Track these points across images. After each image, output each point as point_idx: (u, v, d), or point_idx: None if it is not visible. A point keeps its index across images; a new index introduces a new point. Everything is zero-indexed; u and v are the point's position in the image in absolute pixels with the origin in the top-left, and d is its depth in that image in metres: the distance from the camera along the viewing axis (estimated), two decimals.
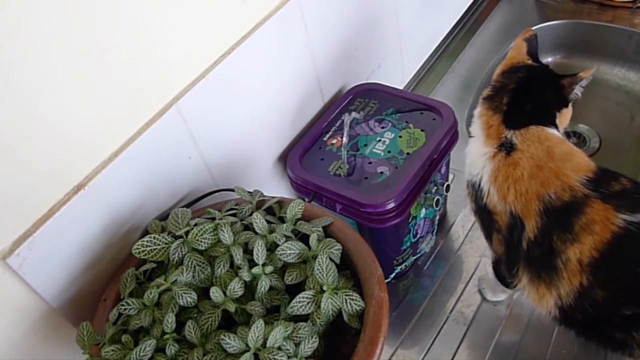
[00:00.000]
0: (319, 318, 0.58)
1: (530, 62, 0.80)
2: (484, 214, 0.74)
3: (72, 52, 0.57)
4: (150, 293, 0.60)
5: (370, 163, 0.86)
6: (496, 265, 0.83)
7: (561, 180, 0.67)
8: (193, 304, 0.59)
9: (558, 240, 0.65)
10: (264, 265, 0.61)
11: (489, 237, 0.77)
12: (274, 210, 0.70)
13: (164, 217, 0.73)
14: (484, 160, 0.73)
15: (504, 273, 0.79)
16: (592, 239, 0.63)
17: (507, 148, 0.71)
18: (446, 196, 0.99)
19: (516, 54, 0.81)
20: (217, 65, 0.74)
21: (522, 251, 0.70)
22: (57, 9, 0.54)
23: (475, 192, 0.74)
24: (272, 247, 0.63)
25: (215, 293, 0.59)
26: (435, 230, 0.97)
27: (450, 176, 1.04)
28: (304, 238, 0.65)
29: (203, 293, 0.61)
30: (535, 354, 0.84)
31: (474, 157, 0.76)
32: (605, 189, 0.65)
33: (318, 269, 0.59)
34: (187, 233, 0.63)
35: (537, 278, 0.69)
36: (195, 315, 0.60)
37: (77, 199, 0.62)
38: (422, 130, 0.90)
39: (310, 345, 0.56)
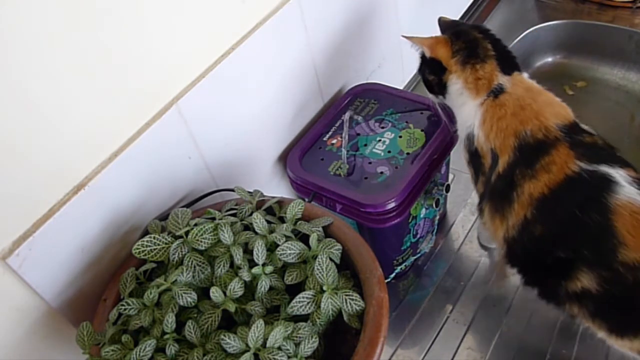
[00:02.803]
0: (319, 318, 0.58)
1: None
2: (475, 160, 0.78)
3: (73, 52, 0.57)
4: (150, 293, 0.60)
5: (370, 163, 0.86)
6: None
7: (539, 121, 0.71)
8: (193, 304, 0.59)
9: (520, 174, 0.70)
10: (264, 265, 0.61)
11: (477, 181, 0.80)
12: (274, 210, 0.70)
13: (164, 217, 0.73)
14: (475, 109, 0.77)
15: None
16: (547, 177, 0.68)
17: (495, 92, 0.75)
18: (446, 196, 0.99)
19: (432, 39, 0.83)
20: (217, 65, 0.74)
21: (490, 185, 0.74)
22: (57, 8, 0.54)
23: (469, 141, 0.78)
24: (272, 247, 0.63)
25: (215, 293, 0.59)
26: (435, 230, 0.97)
27: (450, 176, 1.04)
28: (304, 238, 0.65)
29: (203, 293, 0.61)
30: (535, 354, 0.84)
31: (466, 111, 0.79)
32: (576, 137, 0.70)
33: (318, 269, 0.59)
34: (187, 233, 0.63)
35: (496, 211, 0.74)
36: (195, 315, 0.60)
37: (77, 199, 0.62)
38: (422, 130, 0.90)
39: (310, 345, 0.56)
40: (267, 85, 0.85)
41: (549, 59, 1.41)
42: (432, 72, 0.82)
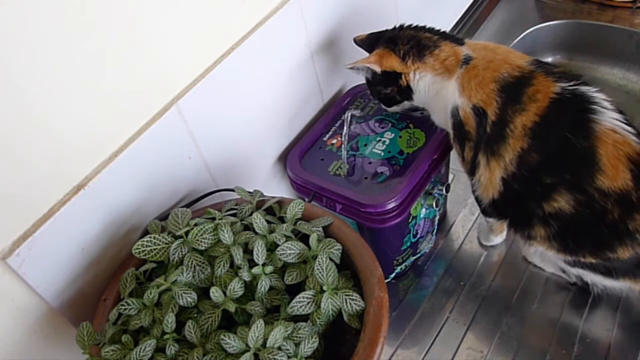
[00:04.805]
0: (319, 318, 0.58)
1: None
2: (460, 130, 0.80)
3: (72, 52, 0.57)
4: (150, 293, 0.60)
5: (370, 163, 0.86)
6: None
7: (510, 64, 0.77)
8: (193, 304, 0.59)
9: (511, 111, 0.74)
10: (264, 265, 0.61)
11: (463, 154, 0.82)
12: (274, 210, 0.70)
13: (164, 217, 0.73)
14: (453, 85, 0.79)
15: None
16: (535, 106, 0.72)
17: (466, 61, 0.79)
18: (446, 196, 0.98)
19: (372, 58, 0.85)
20: (217, 65, 0.74)
21: (485, 137, 0.77)
22: (56, 8, 0.54)
23: (454, 117, 0.80)
24: (272, 247, 0.63)
25: (215, 293, 0.59)
26: (435, 230, 0.97)
27: (450, 176, 1.04)
28: (304, 238, 0.65)
29: (203, 293, 0.61)
30: (535, 354, 0.84)
31: (445, 93, 0.81)
32: (548, 67, 0.77)
33: (318, 269, 0.59)
34: (187, 233, 0.63)
35: (492, 154, 0.76)
36: (195, 315, 0.60)
37: (77, 199, 0.62)
38: (422, 130, 0.90)
39: (310, 345, 0.56)
40: (267, 85, 0.85)
41: (549, 59, 1.41)
42: (388, 84, 0.85)
